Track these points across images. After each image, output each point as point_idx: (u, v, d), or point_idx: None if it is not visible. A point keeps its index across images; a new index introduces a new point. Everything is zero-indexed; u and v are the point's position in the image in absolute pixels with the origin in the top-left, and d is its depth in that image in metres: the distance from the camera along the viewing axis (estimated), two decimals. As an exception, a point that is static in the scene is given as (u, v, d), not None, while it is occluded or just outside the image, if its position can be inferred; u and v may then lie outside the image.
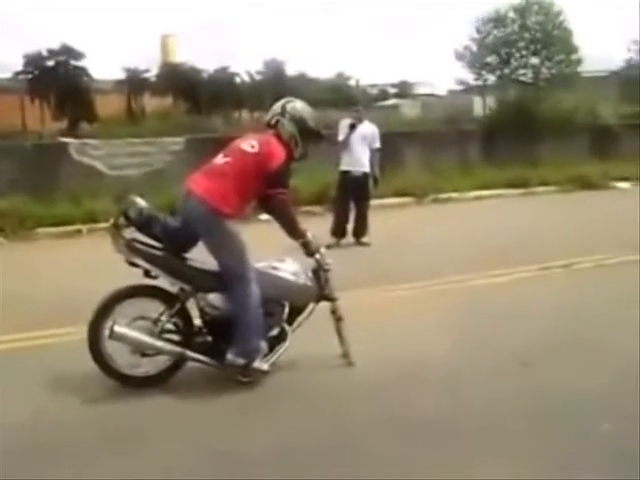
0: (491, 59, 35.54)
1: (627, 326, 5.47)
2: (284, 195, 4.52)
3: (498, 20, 34.94)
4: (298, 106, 4.79)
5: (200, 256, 4.57)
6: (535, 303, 6.28)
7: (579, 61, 33.85)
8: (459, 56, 35.54)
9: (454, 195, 14.30)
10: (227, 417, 4.11)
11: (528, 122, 17.66)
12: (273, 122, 4.72)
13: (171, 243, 4.48)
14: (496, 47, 34.92)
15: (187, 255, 4.57)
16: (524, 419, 3.95)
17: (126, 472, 3.47)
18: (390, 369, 4.74)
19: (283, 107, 4.75)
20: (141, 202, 4.51)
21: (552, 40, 33.64)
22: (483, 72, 35.71)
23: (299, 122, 4.70)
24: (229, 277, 4.44)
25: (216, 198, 4.39)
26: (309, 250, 4.66)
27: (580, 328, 5.52)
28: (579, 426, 3.86)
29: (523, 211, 12.57)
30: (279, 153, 4.54)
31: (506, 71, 35.33)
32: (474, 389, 4.40)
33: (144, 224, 4.45)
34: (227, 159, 4.56)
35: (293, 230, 4.62)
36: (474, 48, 35.39)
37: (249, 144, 4.56)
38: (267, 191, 4.50)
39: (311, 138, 4.77)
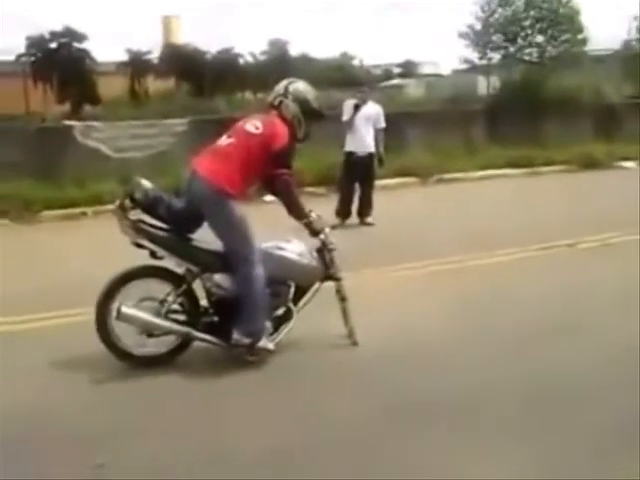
0: (496, 38, 35.28)
1: (630, 305, 5.50)
2: (288, 176, 4.54)
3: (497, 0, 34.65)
4: (301, 87, 4.79)
5: (206, 237, 4.60)
6: (539, 283, 6.31)
7: (585, 40, 33.59)
8: (462, 35, 35.31)
9: (458, 175, 14.25)
10: (233, 396, 4.15)
11: (533, 101, 17.55)
12: (276, 103, 4.72)
13: (177, 224, 4.51)
14: (502, 26, 34.66)
15: (193, 236, 4.60)
16: (523, 402, 3.98)
17: (137, 451, 3.53)
18: (394, 349, 4.76)
19: (286, 88, 4.75)
20: (146, 183, 4.53)
21: (558, 19, 33.38)
22: (488, 51, 35.48)
23: (302, 103, 4.70)
24: (234, 258, 4.46)
25: (221, 179, 4.40)
26: (313, 230, 4.68)
27: (582, 308, 5.55)
28: (576, 410, 3.89)
29: (528, 191, 12.55)
30: (283, 134, 4.55)
31: (511, 50, 35.09)
32: (476, 370, 4.42)
33: (150, 205, 4.47)
34: (231, 140, 4.58)
35: (296, 210, 4.64)
36: (478, 27, 35.14)
37: (253, 125, 4.57)
38: (271, 172, 4.52)
39: (314, 118, 4.77)
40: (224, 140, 4.63)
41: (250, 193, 4.85)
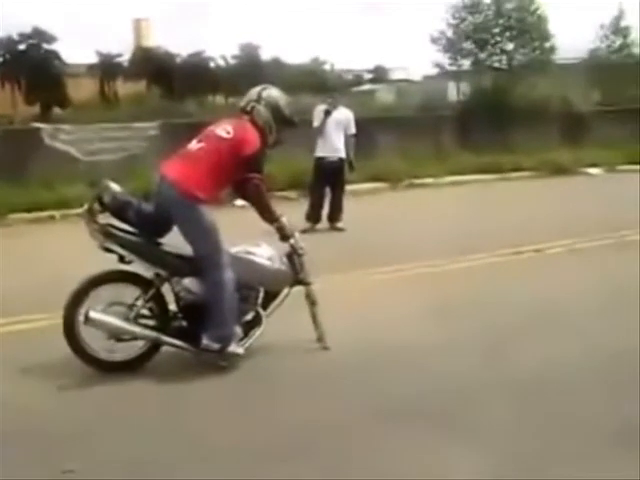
0: (466, 44, 35.60)
1: (594, 306, 5.63)
2: (258, 180, 4.55)
3: (473, 6, 35.00)
4: (274, 93, 4.82)
5: (175, 241, 4.59)
6: (509, 288, 6.37)
7: (553, 48, 34.06)
8: (434, 40, 35.56)
9: (428, 181, 14.39)
10: (202, 401, 4.14)
11: (502, 108, 17.78)
12: (248, 108, 4.73)
13: (146, 228, 4.49)
14: (472, 33, 34.99)
15: (162, 240, 4.58)
16: (500, 403, 4.03)
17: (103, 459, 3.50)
18: (365, 353, 4.78)
19: (259, 94, 4.77)
20: (115, 187, 4.50)
21: (527, 27, 33.80)
22: (458, 57, 35.77)
23: (274, 109, 4.72)
24: (203, 263, 4.46)
25: (190, 183, 4.41)
26: (284, 234, 4.70)
27: (552, 313, 5.62)
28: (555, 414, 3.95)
29: (497, 196, 12.69)
30: (254, 139, 4.56)
31: (481, 56, 35.43)
32: (447, 373, 4.45)
33: (118, 209, 4.45)
34: (201, 144, 4.59)
35: (267, 214, 4.65)
36: (449, 33, 35.43)
37: (224, 130, 4.59)
38: (242, 176, 4.53)
39: (285, 125, 4.80)
40: (194, 144, 4.63)
41: (221, 198, 4.84)
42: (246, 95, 4.86)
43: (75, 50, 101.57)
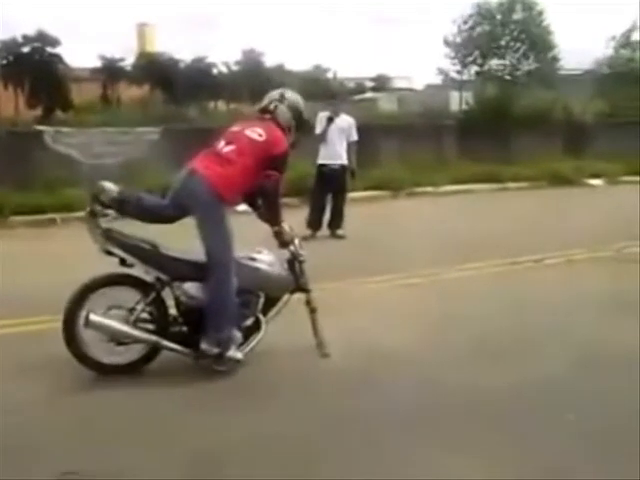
0: (473, 54, 35.74)
1: (590, 316, 5.67)
2: (277, 178, 4.57)
3: (486, 15, 35.13)
4: (295, 96, 4.91)
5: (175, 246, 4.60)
6: (504, 297, 6.38)
7: (556, 59, 34.21)
8: (447, 43, 35.64)
9: (429, 189, 14.42)
10: (199, 407, 4.13)
11: (504, 118, 17.84)
12: (271, 107, 4.76)
13: (148, 218, 4.51)
14: (478, 43, 35.13)
15: (162, 245, 4.58)
16: (492, 410, 4.04)
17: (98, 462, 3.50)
18: (365, 360, 4.79)
19: (281, 94, 4.84)
20: (110, 186, 4.48)
21: (532, 38, 33.96)
22: (465, 63, 35.88)
23: (295, 111, 4.81)
24: (211, 262, 4.44)
25: (221, 183, 4.42)
26: (283, 240, 4.72)
27: (544, 321, 5.65)
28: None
29: (497, 206, 12.72)
30: (283, 139, 4.63)
31: (486, 66, 35.58)
32: (443, 380, 4.45)
33: (118, 205, 4.43)
34: (233, 147, 4.57)
35: (274, 215, 4.69)
36: (458, 39, 35.57)
37: (256, 132, 4.60)
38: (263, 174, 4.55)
39: (302, 128, 4.90)
40: (224, 146, 4.60)
41: (239, 200, 4.85)
42: (265, 97, 4.92)
43: (79, 54, 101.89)
